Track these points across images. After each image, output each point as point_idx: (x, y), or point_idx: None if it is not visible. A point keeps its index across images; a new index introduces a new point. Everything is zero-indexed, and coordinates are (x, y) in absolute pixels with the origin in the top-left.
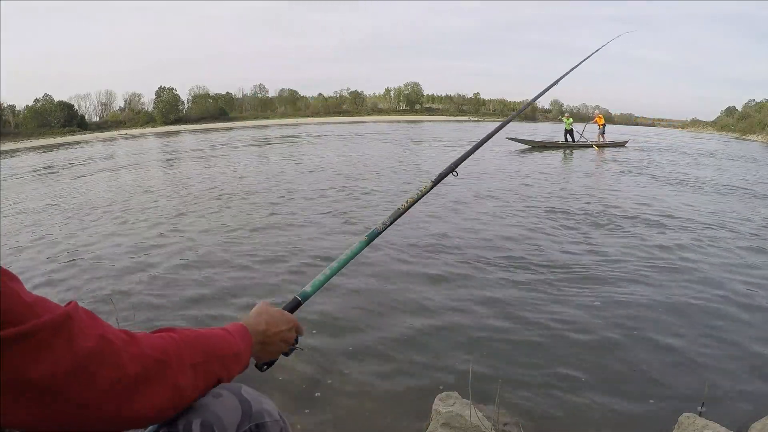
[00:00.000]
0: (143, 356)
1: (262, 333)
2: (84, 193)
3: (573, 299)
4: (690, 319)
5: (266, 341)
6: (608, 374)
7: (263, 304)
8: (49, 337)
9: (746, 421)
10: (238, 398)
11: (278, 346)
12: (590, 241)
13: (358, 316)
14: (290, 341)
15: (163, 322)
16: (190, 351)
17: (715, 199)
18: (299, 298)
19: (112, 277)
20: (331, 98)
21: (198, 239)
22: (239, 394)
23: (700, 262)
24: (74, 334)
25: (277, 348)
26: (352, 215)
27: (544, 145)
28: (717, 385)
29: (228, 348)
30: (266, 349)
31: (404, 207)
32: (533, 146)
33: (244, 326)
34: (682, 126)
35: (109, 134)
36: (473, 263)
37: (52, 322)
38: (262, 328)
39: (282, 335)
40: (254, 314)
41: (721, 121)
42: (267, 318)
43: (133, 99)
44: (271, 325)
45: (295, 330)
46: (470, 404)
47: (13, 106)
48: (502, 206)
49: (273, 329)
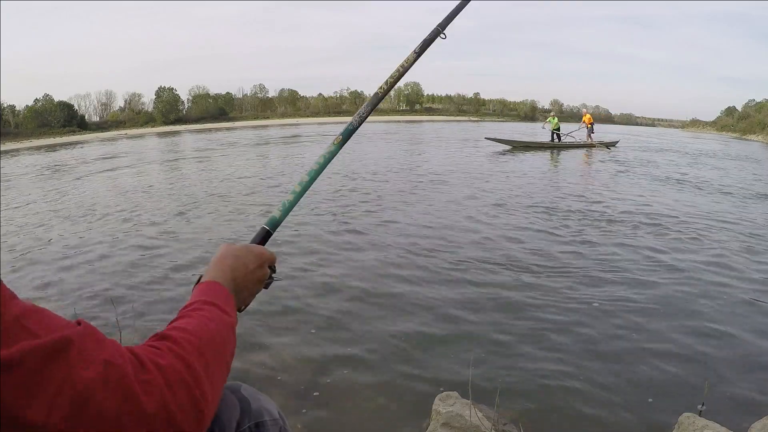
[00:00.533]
0: (161, 387)
1: (231, 281)
2: (85, 192)
3: (573, 300)
4: (690, 319)
5: (237, 288)
6: (608, 374)
7: (225, 246)
8: (41, 367)
9: (746, 421)
10: (237, 397)
11: (251, 288)
12: (588, 242)
13: (357, 316)
14: (263, 279)
15: (164, 322)
16: (201, 360)
17: (712, 200)
18: (267, 227)
19: (112, 278)
20: (331, 98)
21: (198, 239)
22: (238, 392)
23: (700, 262)
24: (73, 363)
25: (251, 291)
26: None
27: (526, 145)
28: (717, 385)
29: (227, 330)
30: (240, 297)
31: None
32: (514, 146)
33: (216, 284)
34: (682, 126)
35: (110, 134)
36: (473, 264)
37: (45, 348)
38: (229, 275)
39: (253, 275)
40: (217, 262)
41: (721, 121)
42: (232, 262)
43: (133, 99)
44: (238, 268)
45: (267, 264)
46: (470, 404)
47: (13, 106)
48: (495, 207)
49: (241, 272)
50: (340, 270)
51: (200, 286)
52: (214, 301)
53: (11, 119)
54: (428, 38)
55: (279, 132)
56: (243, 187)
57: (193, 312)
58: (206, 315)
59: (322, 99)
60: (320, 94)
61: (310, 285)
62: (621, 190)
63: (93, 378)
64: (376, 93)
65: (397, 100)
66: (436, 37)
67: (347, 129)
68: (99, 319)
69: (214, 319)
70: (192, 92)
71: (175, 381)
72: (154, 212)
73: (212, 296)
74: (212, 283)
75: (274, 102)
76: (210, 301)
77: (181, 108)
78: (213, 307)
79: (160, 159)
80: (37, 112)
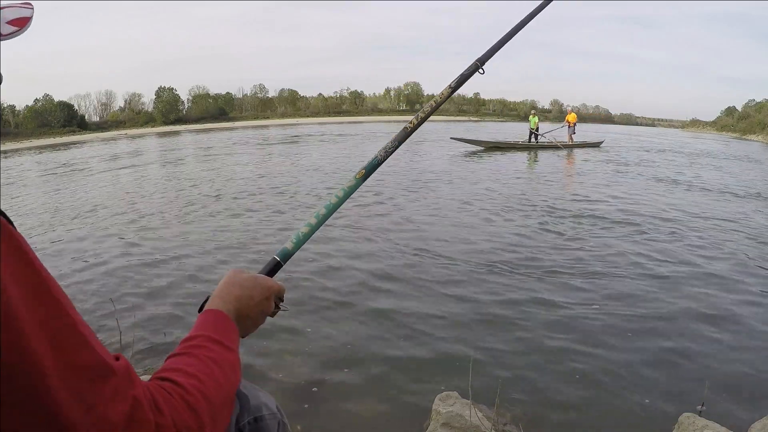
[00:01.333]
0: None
1: (235, 311)
2: (86, 192)
3: (572, 301)
4: (689, 318)
5: (240, 318)
6: (608, 374)
7: (233, 273)
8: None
9: (746, 421)
10: (236, 393)
11: (255, 320)
12: (587, 242)
13: (357, 316)
14: (268, 312)
15: (164, 320)
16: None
17: (710, 200)
18: (278, 258)
19: (113, 277)
20: (331, 98)
21: (200, 238)
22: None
23: (699, 262)
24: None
25: (254, 322)
26: None
27: (496, 145)
28: (717, 385)
29: (232, 371)
30: (243, 326)
31: (412, 127)
32: (485, 147)
33: (222, 315)
34: (682, 126)
35: (110, 134)
36: (472, 265)
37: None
38: (233, 306)
39: (258, 308)
40: (223, 290)
41: (721, 121)
42: (238, 293)
43: (133, 99)
44: (243, 299)
45: (274, 296)
46: (470, 404)
47: (13, 106)
48: (486, 210)
49: (245, 304)
50: (341, 269)
51: (205, 315)
52: (219, 338)
53: (11, 119)
54: (466, 73)
55: (280, 132)
56: (251, 188)
57: (199, 351)
58: (212, 356)
59: (322, 99)
60: (320, 94)
61: (309, 284)
62: (614, 191)
63: (122, 411)
64: (405, 128)
65: (397, 100)
66: (474, 72)
67: (371, 163)
68: (99, 320)
69: (219, 360)
70: (192, 92)
71: (182, 427)
72: (156, 213)
73: (217, 332)
74: (218, 314)
75: (274, 102)
76: (215, 339)
77: (181, 108)
78: (218, 346)
79: (162, 159)
80: (37, 112)
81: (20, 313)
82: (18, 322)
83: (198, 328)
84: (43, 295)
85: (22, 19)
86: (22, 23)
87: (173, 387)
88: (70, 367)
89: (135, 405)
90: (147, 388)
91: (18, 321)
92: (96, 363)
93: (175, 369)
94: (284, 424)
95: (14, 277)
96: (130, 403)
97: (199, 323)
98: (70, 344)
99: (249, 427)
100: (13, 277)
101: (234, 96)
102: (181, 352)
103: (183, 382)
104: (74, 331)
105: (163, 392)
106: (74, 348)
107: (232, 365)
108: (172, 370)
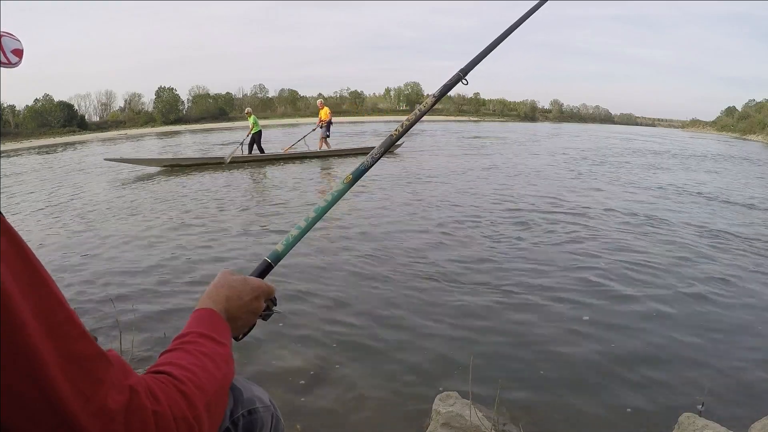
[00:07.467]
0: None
1: (225, 311)
2: (86, 192)
3: (572, 301)
4: (689, 318)
5: (230, 318)
6: (608, 374)
7: (223, 274)
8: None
9: (746, 421)
10: (230, 386)
11: (245, 319)
12: (585, 242)
13: (357, 316)
14: (258, 311)
15: (164, 321)
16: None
17: (706, 201)
18: (269, 260)
19: (112, 277)
20: (331, 98)
21: (200, 238)
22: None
23: (699, 262)
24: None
25: (245, 322)
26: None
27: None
28: (717, 385)
29: (224, 363)
30: (234, 325)
31: (397, 134)
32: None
33: (212, 312)
34: (682, 126)
35: (110, 134)
36: (473, 265)
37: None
38: (222, 305)
39: (247, 307)
40: (213, 290)
41: (721, 121)
42: (227, 292)
43: (133, 99)
44: (232, 299)
45: (264, 296)
46: (470, 404)
47: (13, 106)
48: (474, 215)
49: (235, 303)
50: (340, 269)
51: (196, 314)
52: (210, 334)
53: (11, 119)
54: (449, 83)
55: (280, 132)
56: (251, 188)
57: (191, 346)
58: (204, 350)
59: (322, 99)
60: (320, 94)
61: (309, 284)
62: None
63: (121, 400)
64: (390, 135)
65: (397, 100)
66: (457, 83)
67: (358, 169)
68: (98, 318)
69: (211, 354)
70: (192, 92)
71: (179, 417)
72: (154, 212)
73: (208, 327)
74: (208, 311)
75: (274, 102)
76: (206, 334)
77: (181, 108)
78: (209, 341)
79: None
80: (37, 112)
81: (19, 306)
82: (17, 315)
83: (189, 326)
84: (40, 289)
85: (20, 50)
86: (20, 54)
87: (167, 378)
88: (69, 358)
89: (132, 394)
90: (143, 379)
91: (17, 314)
92: (94, 353)
93: (168, 363)
94: (277, 417)
95: (12, 272)
96: (127, 391)
97: (190, 322)
98: (69, 335)
99: (243, 420)
100: (11, 271)
101: (234, 96)
102: (174, 348)
103: (177, 374)
104: (72, 323)
105: (158, 383)
106: (73, 339)
107: (224, 358)
108: (165, 364)
